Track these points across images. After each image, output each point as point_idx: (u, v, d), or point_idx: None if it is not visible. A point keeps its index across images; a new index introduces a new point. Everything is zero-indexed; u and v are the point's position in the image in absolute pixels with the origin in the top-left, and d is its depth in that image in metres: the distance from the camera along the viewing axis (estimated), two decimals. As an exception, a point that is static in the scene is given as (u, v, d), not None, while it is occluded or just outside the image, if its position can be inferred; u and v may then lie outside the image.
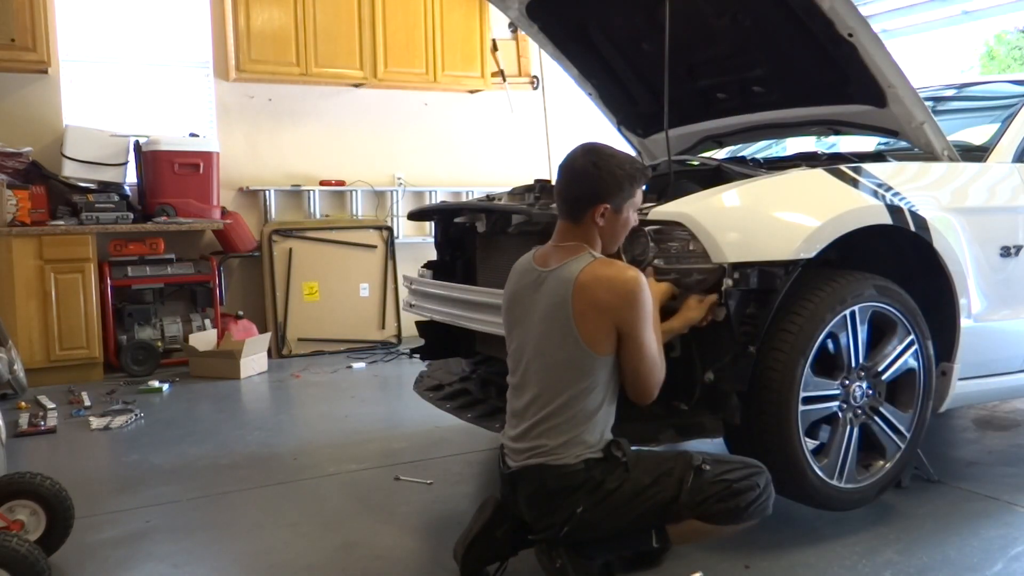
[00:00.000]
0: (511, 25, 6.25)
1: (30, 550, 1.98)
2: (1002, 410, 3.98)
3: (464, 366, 3.43)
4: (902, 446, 2.62)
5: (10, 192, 4.89)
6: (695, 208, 2.37)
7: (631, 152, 4.12)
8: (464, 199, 6.16)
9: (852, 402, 2.50)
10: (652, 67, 3.36)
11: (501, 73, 6.50)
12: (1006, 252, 2.85)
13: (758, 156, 3.73)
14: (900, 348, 2.57)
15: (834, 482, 2.47)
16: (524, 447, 2.12)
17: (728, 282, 2.27)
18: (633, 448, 2.13)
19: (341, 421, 4.03)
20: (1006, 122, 3.10)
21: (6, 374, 2.58)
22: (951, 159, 2.88)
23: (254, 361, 5.22)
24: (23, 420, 3.99)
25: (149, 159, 5.36)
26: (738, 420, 2.34)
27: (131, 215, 5.25)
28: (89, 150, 5.27)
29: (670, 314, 2.28)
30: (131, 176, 5.51)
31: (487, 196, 3.47)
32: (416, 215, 3.60)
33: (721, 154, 3.90)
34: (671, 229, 2.37)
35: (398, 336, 6.21)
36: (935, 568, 2.27)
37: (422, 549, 2.53)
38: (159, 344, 5.32)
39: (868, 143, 3.67)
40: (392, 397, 4.74)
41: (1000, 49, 10.60)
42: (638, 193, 2.18)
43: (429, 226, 5.00)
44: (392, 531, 2.62)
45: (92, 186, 5.27)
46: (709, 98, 3.47)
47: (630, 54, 3.50)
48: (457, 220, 3.31)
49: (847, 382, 2.49)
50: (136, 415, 4.13)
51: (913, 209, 2.57)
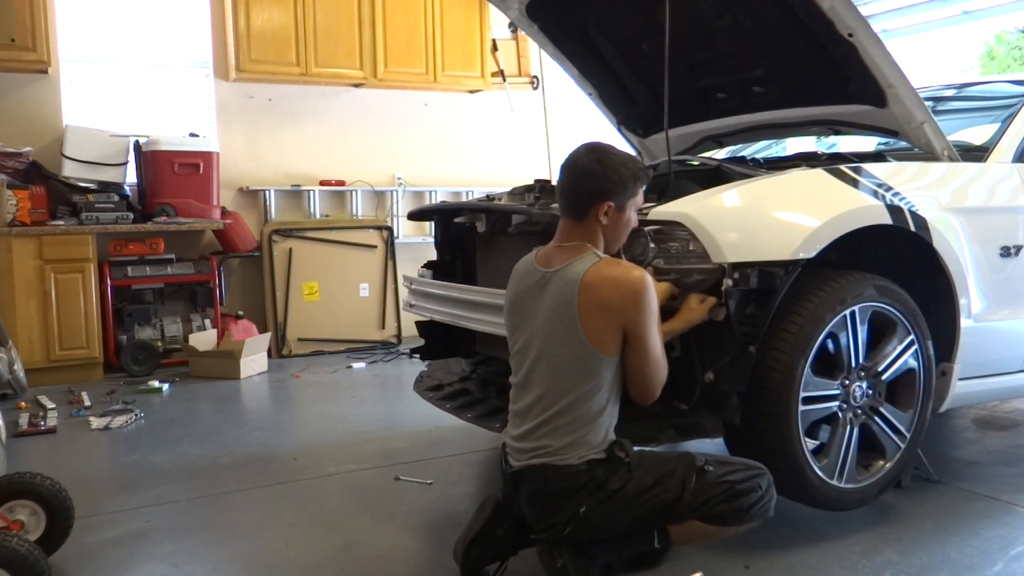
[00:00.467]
0: (511, 25, 6.25)
1: (30, 550, 1.98)
2: (1002, 410, 3.98)
3: (464, 366, 3.43)
4: (902, 446, 2.62)
5: (10, 192, 4.89)
6: (695, 208, 2.37)
7: (631, 152, 4.12)
8: (464, 199, 6.16)
9: (852, 402, 2.50)
10: (652, 67, 3.36)
11: (501, 73, 6.50)
12: (1006, 252, 2.85)
13: (758, 156, 3.73)
14: (900, 348, 2.57)
15: (834, 482, 2.47)
16: (527, 447, 2.11)
17: (728, 282, 2.27)
18: (635, 449, 2.13)
19: (341, 421, 4.03)
20: (1006, 122, 3.10)
21: (6, 374, 2.58)
22: (951, 159, 2.88)
23: (254, 361, 5.22)
24: (23, 420, 3.99)
25: (149, 159, 5.35)
26: (738, 420, 2.34)
27: (131, 215, 5.25)
28: (89, 150, 5.26)
29: (670, 314, 2.28)
30: (131, 176, 5.51)
31: (487, 196, 3.47)
32: (416, 215, 3.60)
33: (721, 154, 3.90)
34: (671, 229, 2.37)
35: (398, 336, 6.21)
36: (935, 568, 2.27)
37: (422, 549, 2.53)
38: (159, 344, 5.32)
39: (868, 143, 3.67)
40: (392, 397, 4.74)
41: (1000, 49, 10.61)
42: (640, 192, 2.19)
43: (429, 226, 5.01)
44: (392, 531, 2.62)
45: (92, 186, 5.27)
46: (709, 98, 3.47)
47: (630, 54, 3.50)
48: (457, 220, 3.31)
49: (847, 382, 2.49)
50: (136, 415, 4.13)
51: (913, 209, 2.57)
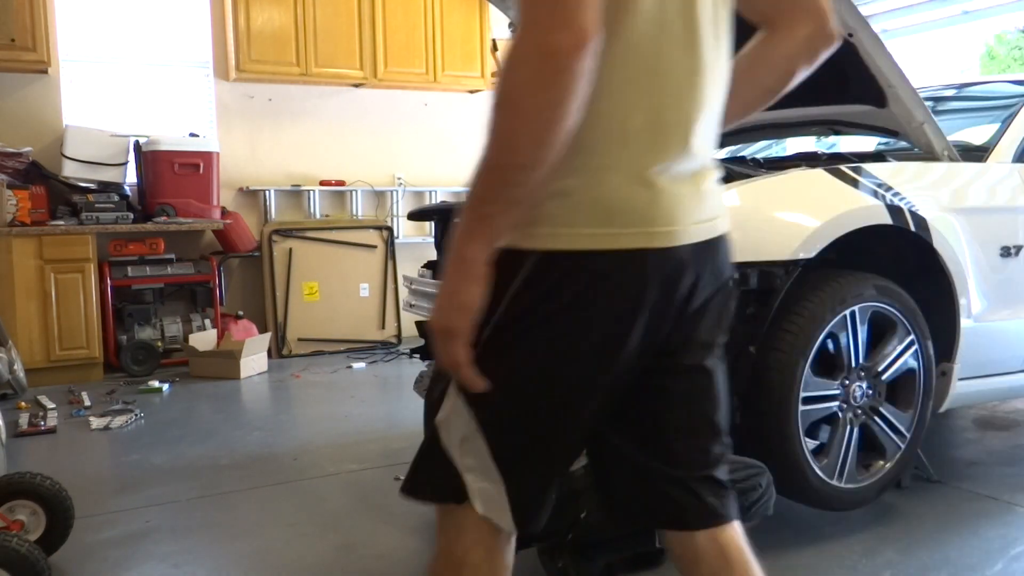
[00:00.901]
0: (511, 25, 6.24)
1: (30, 550, 1.98)
2: (1002, 410, 3.98)
3: (464, 366, 3.43)
4: (902, 446, 2.62)
5: (10, 192, 4.89)
6: (695, 208, 2.37)
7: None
8: (464, 199, 6.15)
9: (852, 402, 2.50)
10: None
11: (501, 73, 6.50)
12: (1006, 252, 2.85)
13: (758, 156, 3.73)
14: (900, 348, 2.57)
15: (834, 482, 2.47)
16: None
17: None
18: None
19: (341, 421, 4.03)
20: (1006, 122, 3.10)
21: (6, 374, 2.58)
22: (951, 159, 2.88)
23: (254, 361, 5.22)
24: (23, 420, 3.99)
25: (149, 159, 5.35)
26: (738, 420, 2.34)
27: (131, 215, 5.25)
28: (89, 150, 5.26)
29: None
30: (131, 176, 5.51)
31: (487, 196, 3.46)
32: (416, 215, 3.60)
33: (721, 154, 3.90)
34: (671, 229, 2.37)
35: (398, 336, 6.20)
36: (935, 568, 2.27)
37: (422, 549, 2.53)
38: (159, 344, 5.32)
39: (868, 143, 3.67)
40: (392, 397, 4.74)
41: (1000, 49, 10.60)
42: None
43: (429, 226, 5.01)
44: (392, 531, 2.62)
45: (92, 186, 5.26)
46: (709, 98, 3.47)
47: (630, 54, 3.50)
48: (457, 220, 3.31)
49: (847, 382, 2.49)
50: (136, 415, 4.13)
51: (913, 209, 2.57)
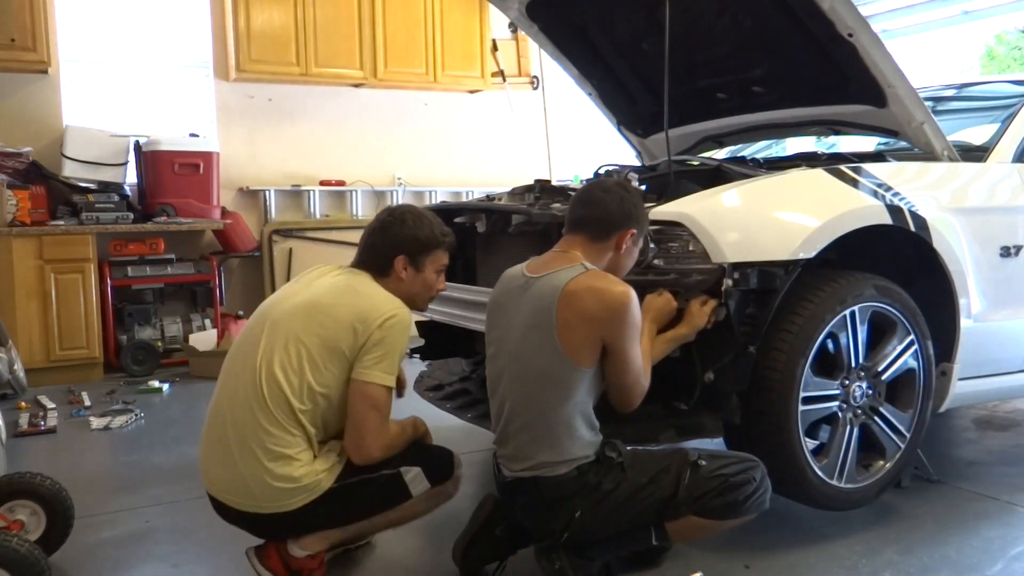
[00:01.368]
0: (511, 25, 6.22)
1: (30, 550, 1.98)
2: (1002, 410, 3.98)
3: (464, 366, 3.43)
4: (902, 446, 2.62)
5: (10, 192, 4.88)
6: (695, 208, 2.37)
7: (631, 152, 4.12)
8: (464, 199, 6.16)
9: (852, 402, 2.50)
10: (652, 67, 3.36)
11: (501, 73, 6.50)
12: (1006, 252, 2.85)
13: (758, 156, 3.73)
14: (900, 348, 2.57)
15: (834, 482, 2.47)
16: (514, 458, 2.12)
17: (728, 282, 2.27)
18: (628, 448, 2.13)
19: (341, 421, 4.02)
20: (1006, 122, 3.10)
21: (6, 374, 2.59)
22: (951, 159, 2.89)
23: (254, 361, 5.20)
24: (23, 420, 3.99)
25: (149, 159, 5.35)
26: (738, 420, 2.34)
27: (131, 215, 5.25)
28: (89, 150, 5.26)
29: (674, 319, 2.28)
30: (131, 176, 5.51)
31: (487, 196, 3.47)
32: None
33: (721, 154, 3.90)
34: (671, 229, 2.37)
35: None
36: (935, 568, 2.27)
37: (422, 549, 2.53)
38: (159, 344, 5.31)
39: (868, 143, 3.67)
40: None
41: (1000, 49, 10.60)
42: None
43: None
44: (392, 531, 2.61)
45: (92, 186, 5.27)
46: (709, 98, 3.47)
47: (630, 54, 3.50)
48: (457, 220, 3.30)
49: (847, 382, 2.49)
50: (136, 415, 4.13)
51: (913, 209, 2.57)
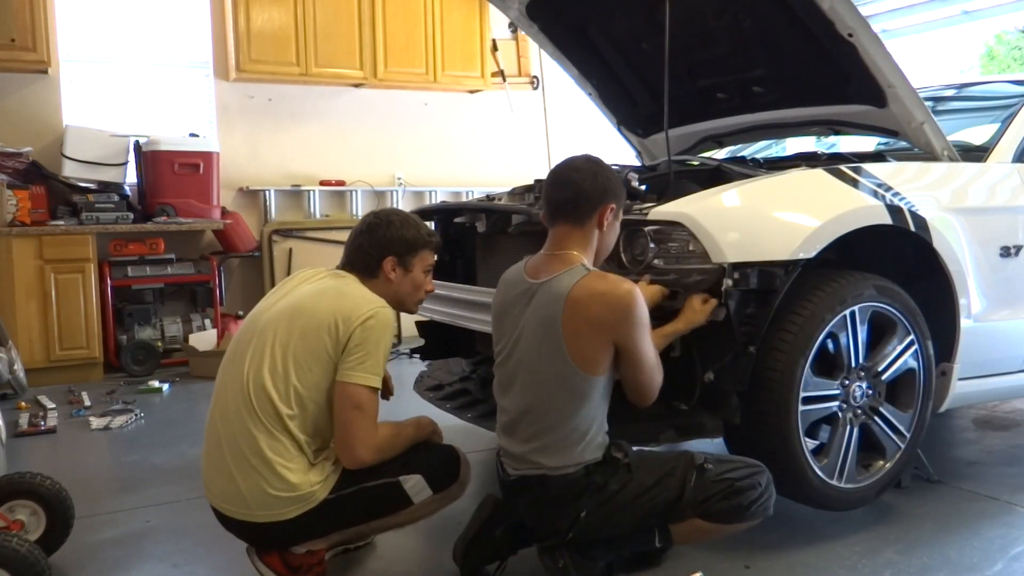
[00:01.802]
0: (511, 25, 6.24)
1: (30, 550, 1.98)
2: (1002, 410, 3.98)
3: (464, 366, 3.43)
4: (902, 446, 2.61)
5: (10, 192, 4.89)
6: (695, 208, 2.37)
7: (631, 152, 4.12)
8: (464, 199, 6.16)
9: (852, 402, 2.50)
10: (652, 67, 3.36)
11: (501, 73, 6.50)
12: (1006, 252, 2.85)
13: (758, 156, 3.73)
14: (900, 348, 2.57)
15: (834, 482, 2.47)
16: (521, 462, 2.11)
17: (728, 282, 2.26)
18: (634, 449, 2.13)
19: (341, 421, 4.02)
20: (1006, 122, 3.10)
21: (6, 374, 2.58)
22: (951, 159, 2.88)
23: (254, 361, 5.20)
24: (23, 420, 3.99)
25: (149, 159, 5.36)
26: (738, 420, 2.34)
27: (131, 215, 5.26)
28: (89, 150, 5.27)
29: (671, 314, 2.28)
30: (131, 176, 5.51)
31: (487, 196, 3.47)
32: (416, 215, 3.59)
33: (721, 154, 3.90)
34: (671, 229, 2.37)
35: (398, 336, 6.20)
36: (935, 568, 2.27)
37: (422, 549, 2.53)
38: (159, 344, 5.32)
39: (868, 143, 3.68)
40: (392, 397, 4.72)
41: (1000, 49, 10.61)
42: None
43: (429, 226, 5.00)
44: (392, 531, 2.61)
45: (92, 186, 5.27)
46: (709, 98, 3.47)
47: (630, 54, 3.50)
48: (457, 220, 3.31)
49: (847, 382, 2.49)
50: (136, 415, 4.13)
51: (913, 209, 2.57)
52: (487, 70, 6.48)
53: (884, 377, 2.55)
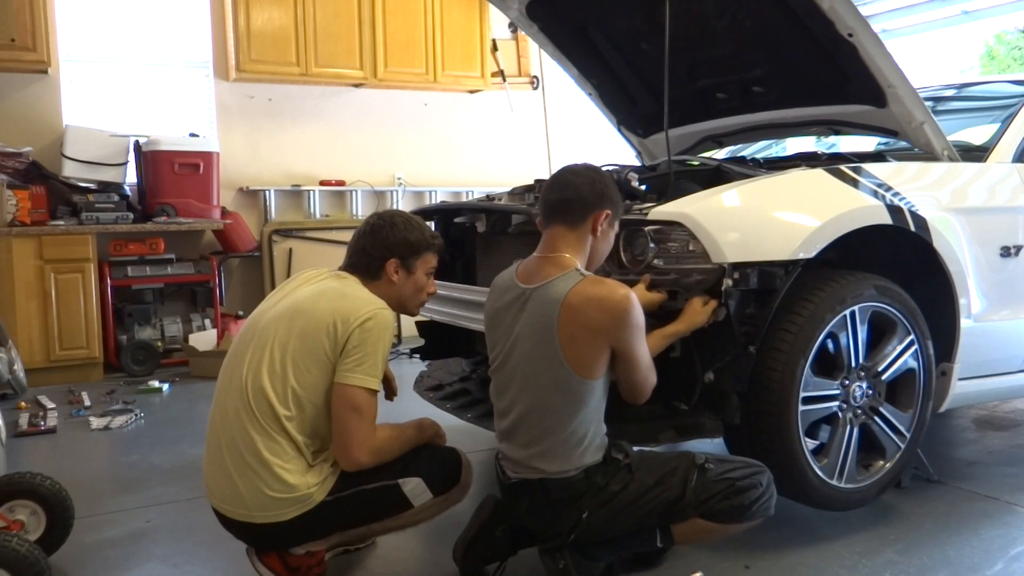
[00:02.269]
0: (511, 25, 6.26)
1: (30, 550, 1.98)
2: (1002, 410, 3.98)
3: (464, 366, 3.43)
4: (902, 446, 2.62)
5: (10, 192, 4.88)
6: (695, 208, 2.37)
7: (631, 152, 4.12)
8: (464, 199, 6.16)
9: (852, 402, 2.50)
10: (652, 67, 3.36)
11: (501, 73, 6.50)
12: (1006, 252, 2.85)
13: (758, 156, 3.74)
14: (900, 348, 2.57)
15: (834, 482, 2.47)
16: (521, 464, 2.11)
17: (728, 282, 2.26)
18: (635, 449, 2.13)
19: (341, 421, 4.02)
20: (1006, 122, 3.10)
21: (6, 374, 2.58)
22: (951, 159, 2.89)
23: (254, 361, 5.20)
24: (23, 420, 3.99)
25: (149, 159, 5.35)
26: (738, 420, 2.34)
27: (131, 215, 5.25)
28: (89, 150, 5.27)
29: (671, 315, 2.28)
30: (131, 176, 5.51)
31: (487, 196, 3.47)
32: (416, 215, 3.59)
33: (721, 154, 3.90)
34: (671, 229, 2.37)
35: (398, 336, 6.20)
36: (935, 568, 2.27)
37: (422, 549, 2.53)
38: (159, 344, 5.32)
39: (868, 143, 3.68)
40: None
41: (1000, 49, 10.62)
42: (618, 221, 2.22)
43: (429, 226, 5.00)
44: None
45: (92, 186, 5.27)
46: (709, 98, 3.47)
47: (630, 54, 3.51)
48: (457, 220, 3.31)
49: (847, 382, 2.49)
50: (136, 415, 4.13)
51: (913, 209, 2.57)
52: (487, 70, 6.48)
53: (884, 377, 2.55)
